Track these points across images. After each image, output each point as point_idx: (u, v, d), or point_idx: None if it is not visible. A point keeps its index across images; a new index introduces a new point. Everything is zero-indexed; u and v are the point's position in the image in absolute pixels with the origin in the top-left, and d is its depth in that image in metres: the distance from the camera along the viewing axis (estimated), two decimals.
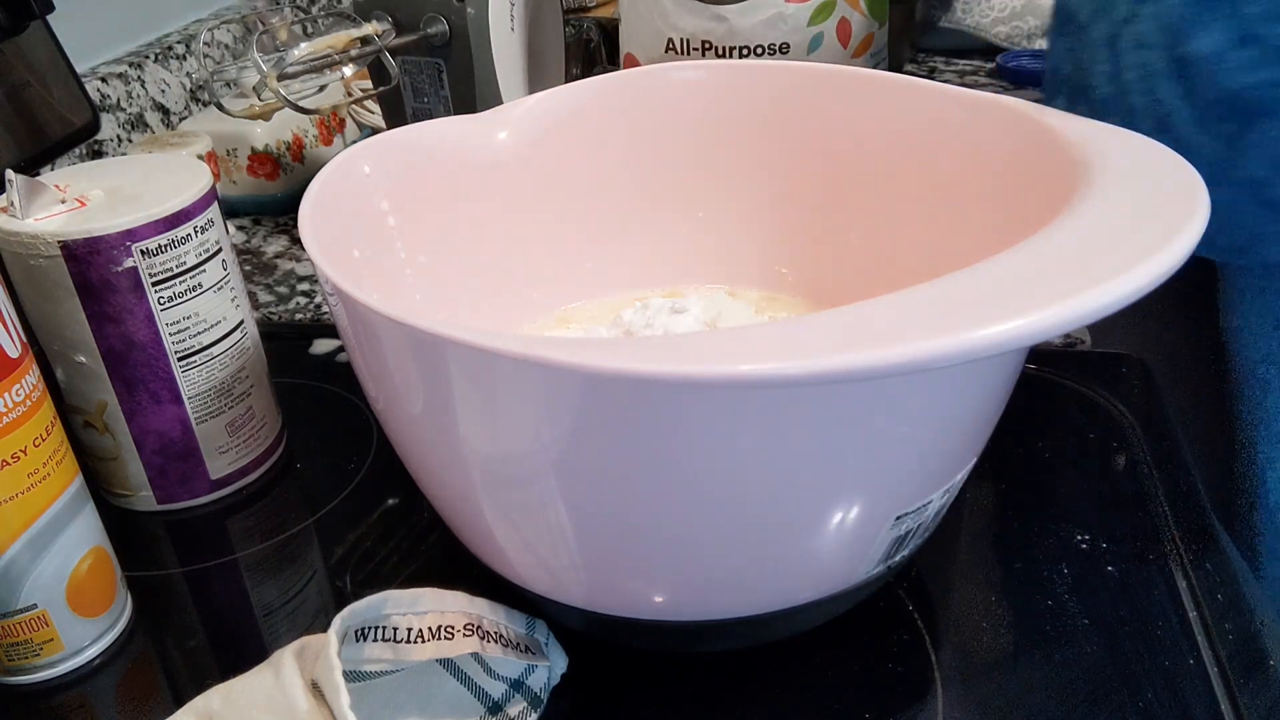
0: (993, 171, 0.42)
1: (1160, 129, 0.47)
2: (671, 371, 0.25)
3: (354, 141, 0.80)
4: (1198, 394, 0.91)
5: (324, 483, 0.49)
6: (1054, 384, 0.52)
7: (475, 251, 0.48)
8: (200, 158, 0.68)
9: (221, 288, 0.45)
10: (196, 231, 0.43)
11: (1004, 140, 0.41)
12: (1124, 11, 0.48)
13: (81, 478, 0.39)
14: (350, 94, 0.70)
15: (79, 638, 0.39)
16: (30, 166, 0.58)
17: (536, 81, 0.64)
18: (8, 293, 0.37)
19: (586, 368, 0.25)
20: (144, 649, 0.41)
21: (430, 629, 0.33)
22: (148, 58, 0.80)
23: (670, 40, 0.58)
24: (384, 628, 0.33)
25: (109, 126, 0.75)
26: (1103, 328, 0.33)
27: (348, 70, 0.54)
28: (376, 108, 0.74)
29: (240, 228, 0.76)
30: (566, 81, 0.61)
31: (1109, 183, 0.32)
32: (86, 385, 0.44)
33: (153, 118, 0.80)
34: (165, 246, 0.42)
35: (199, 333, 0.45)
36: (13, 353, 0.35)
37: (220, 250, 0.45)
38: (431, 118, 0.50)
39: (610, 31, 0.86)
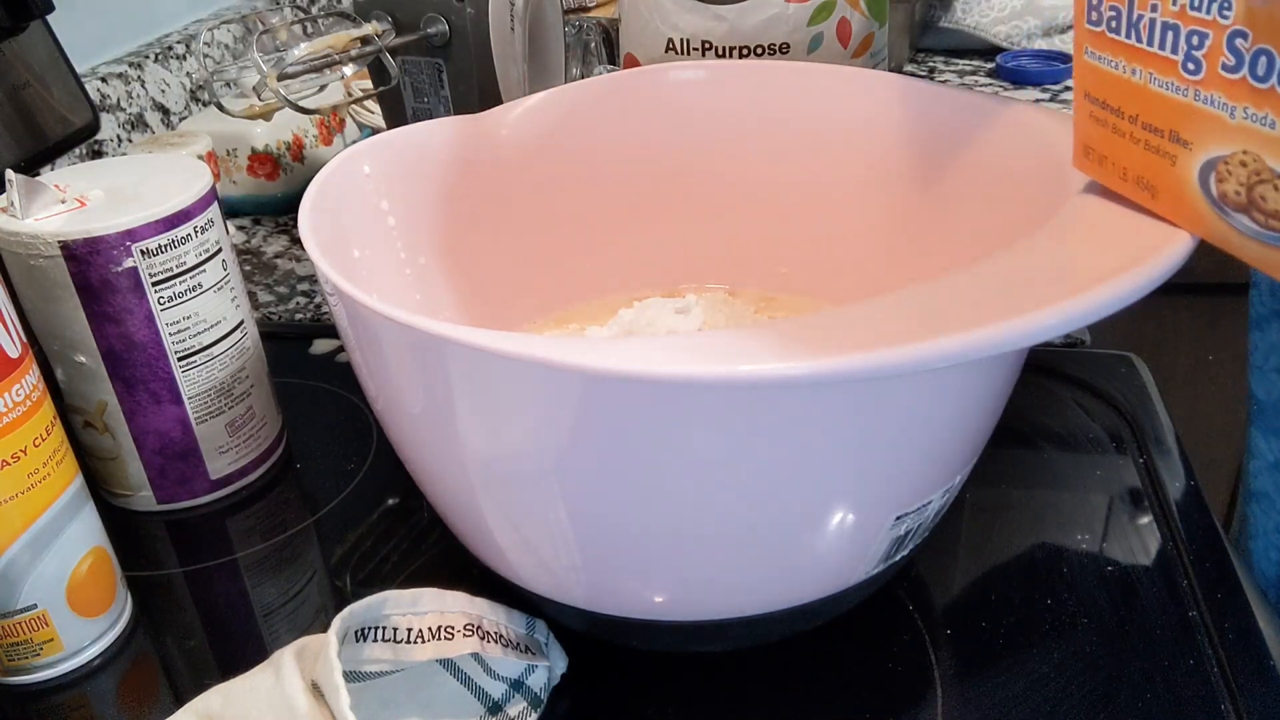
0: (992, 171, 0.42)
1: None
2: (671, 371, 0.25)
3: (354, 141, 0.80)
4: (1198, 394, 0.91)
5: (324, 483, 0.49)
6: (1054, 384, 0.52)
7: (475, 251, 0.48)
8: (200, 158, 0.68)
9: (221, 288, 0.45)
10: (196, 231, 0.43)
11: (1003, 140, 0.41)
12: None
13: (81, 478, 0.39)
14: (350, 94, 0.70)
15: (79, 638, 0.39)
16: (30, 166, 0.58)
17: (536, 81, 0.64)
18: (8, 293, 0.37)
19: (586, 368, 0.25)
20: (144, 649, 0.41)
21: (430, 629, 0.33)
22: (148, 58, 0.80)
23: (670, 40, 0.58)
24: (384, 628, 0.33)
25: (109, 126, 0.75)
26: (1103, 328, 0.33)
27: (348, 70, 0.54)
28: (376, 108, 0.74)
29: (240, 228, 0.76)
30: (566, 81, 0.61)
31: None
32: (86, 385, 0.44)
33: (153, 118, 0.80)
34: (165, 246, 0.42)
35: (199, 333, 0.45)
36: (13, 353, 0.35)
37: (220, 250, 0.45)
38: (431, 118, 0.50)
39: (610, 31, 0.86)
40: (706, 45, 0.57)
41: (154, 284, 0.43)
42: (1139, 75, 0.29)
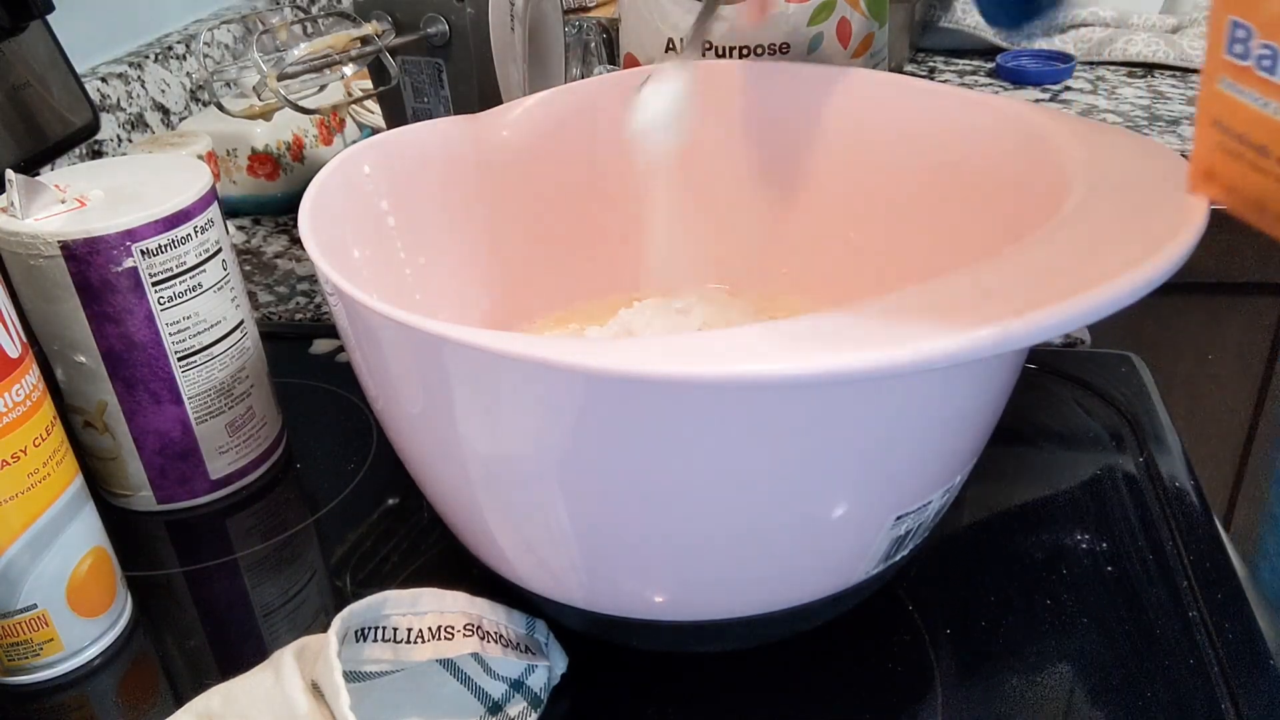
0: (992, 171, 0.42)
1: None
2: (672, 372, 0.25)
3: (354, 141, 0.80)
4: (1198, 394, 0.91)
5: (324, 483, 0.49)
6: (1054, 384, 0.52)
7: (475, 251, 0.48)
8: (200, 158, 0.68)
9: (221, 288, 0.45)
10: (196, 231, 0.43)
11: (1003, 140, 0.41)
12: None
13: (81, 478, 0.39)
14: (350, 94, 0.70)
15: (79, 638, 0.39)
16: (30, 166, 0.58)
17: (536, 81, 0.64)
18: (8, 293, 0.37)
19: (587, 368, 0.25)
20: (144, 649, 0.41)
21: (430, 629, 0.33)
22: (148, 58, 0.80)
23: (670, 40, 0.58)
24: (384, 628, 0.33)
25: (109, 126, 0.75)
26: (1103, 328, 0.33)
27: (348, 70, 0.54)
28: (376, 108, 0.74)
29: (240, 228, 0.76)
30: (566, 81, 0.61)
31: (1108, 182, 0.33)
32: (86, 385, 0.44)
33: (153, 118, 0.80)
34: (165, 246, 0.42)
35: (199, 333, 0.45)
36: (13, 353, 0.35)
37: (220, 250, 0.45)
38: (431, 118, 0.50)
39: (610, 31, 0.87)
40: (707, 45, 0.57)
41: (154, 284, 0.43)
42: None
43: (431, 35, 0.56)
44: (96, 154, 0.74)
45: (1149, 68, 0.97)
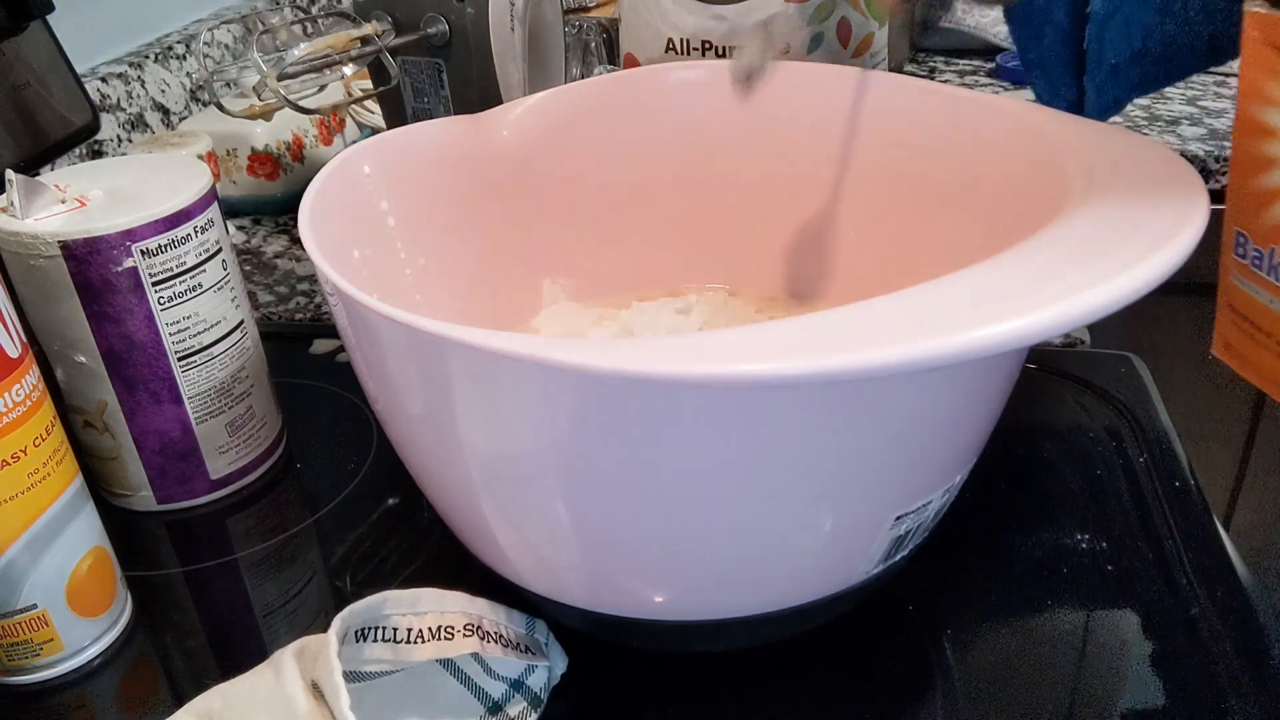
0: (992, 172, 0.42)
1: None
2: (672, 371, 0.25)
3: (354, 141, 0.80)
4: (1197, 394, 0.91)
5: (324, 483, 0.49)
6: (1054, 384, 0.52)
7: (475, 251, 0.48)
8: (200, 158, 0.68)
9: (221, 288, 0.45)
10: (196, 231, 0.43)
11: (1004, 141, 0.41)
12: None
13: (81, 478, 0.39)
14: (350, 94, 0.70)
15: (79, 638, 0.39)
16: (30, 166, 0.58)
17: (536, 81, 0.64)
18: (8, 293, 0.37)
19: (585, 367, 0.25)
20: (144, 649, 0.41)
21: (430, 629, 0.33)
22: (148, 58, 0.80)
23: (670, 40, 0.58)
24: (384, 628, 0.33)
25: (109, 126, 0.75)
26: (1103, 328, 0.33)
27: (348, 70, 0.54)
28: (376, 108, 0.74)
29: (240, 228, 0.76)
30: (566, 81, 0.61)
31: (1108, 183, 0.33)
32: (86, 385, 0.44)
33: (153, 118, 0.80)
34: (165, 246, 0.43)
35: (199, 333, 0.45)
36: (13, 353, 0.35)
37: (220, 250, 0.45)
38: (431, 118, 0.50)
39: (610, 31, 0.87)
40: (706, 45, 0.57)
41: (154, 284, 0.43)
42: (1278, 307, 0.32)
43: (431, 35, 0.56)
44: (96, 154, 0.74)
45: None
